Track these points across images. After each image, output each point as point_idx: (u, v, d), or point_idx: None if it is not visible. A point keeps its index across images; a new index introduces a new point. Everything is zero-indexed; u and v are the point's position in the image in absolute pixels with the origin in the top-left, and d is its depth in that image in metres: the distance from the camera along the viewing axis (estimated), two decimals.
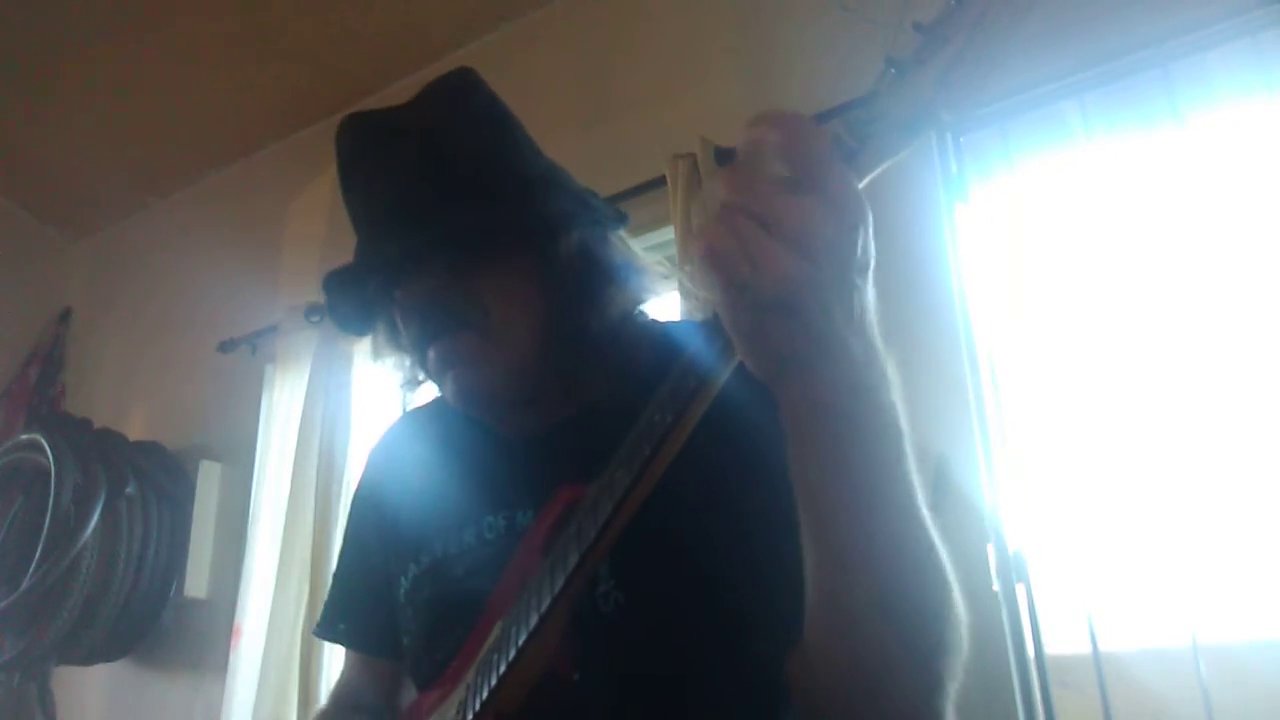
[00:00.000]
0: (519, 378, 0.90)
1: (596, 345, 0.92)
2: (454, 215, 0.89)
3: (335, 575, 1.13)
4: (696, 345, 0.63)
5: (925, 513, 0.64)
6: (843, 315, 0.56)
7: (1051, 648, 1.57)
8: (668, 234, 2.04)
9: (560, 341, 0.91)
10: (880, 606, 0.64)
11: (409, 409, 1.12)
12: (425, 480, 1.03)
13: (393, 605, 1.01)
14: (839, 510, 0.63)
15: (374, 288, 0.94)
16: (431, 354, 0.90)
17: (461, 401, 0.91)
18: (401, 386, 1.02)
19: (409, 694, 1.00)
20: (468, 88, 0.98)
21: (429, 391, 1.04)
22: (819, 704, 0.72)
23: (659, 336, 0.96)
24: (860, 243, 0.55)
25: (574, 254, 0.93)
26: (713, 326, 0.62)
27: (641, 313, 0.98)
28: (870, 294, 0.59)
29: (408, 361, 1.00)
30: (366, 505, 1.11)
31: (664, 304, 1.05)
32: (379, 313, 0.98)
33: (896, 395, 0.62)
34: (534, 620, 0.74)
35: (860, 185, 0.56)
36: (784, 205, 0.53)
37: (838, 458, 0.61)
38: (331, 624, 1.10)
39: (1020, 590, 1.59)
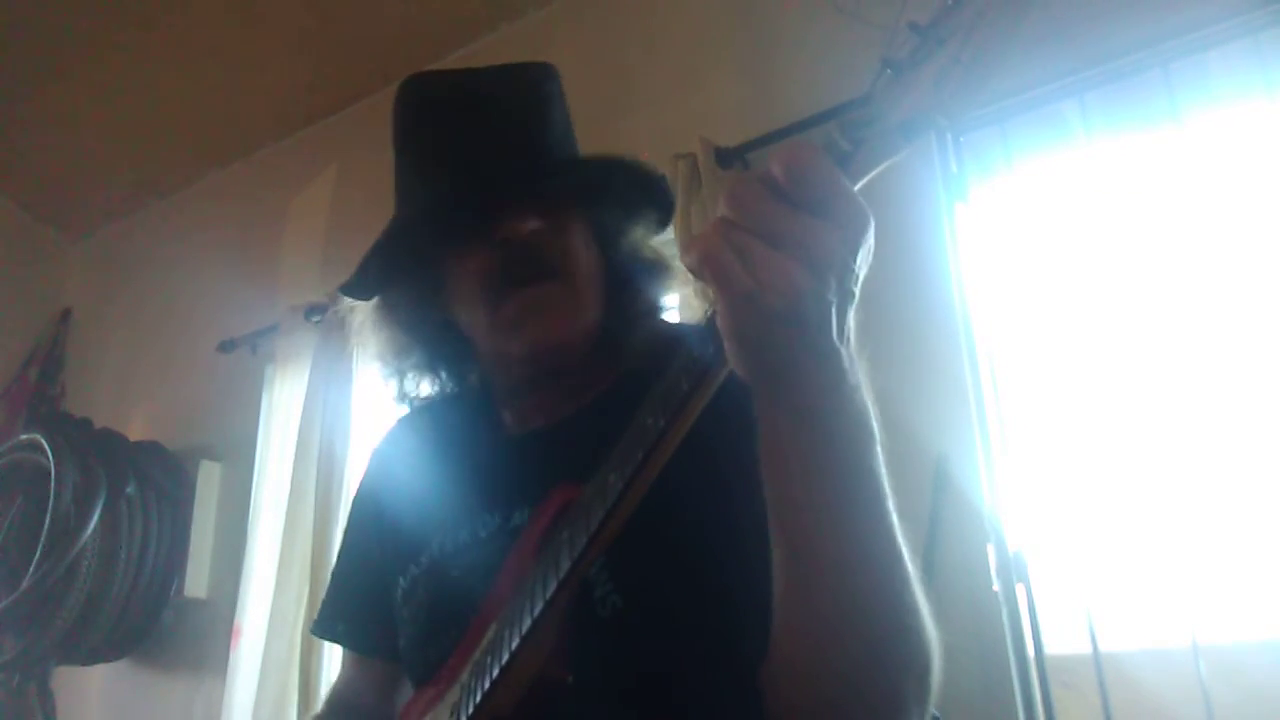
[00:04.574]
0: (584, 340, 0.92)
1: (621, 338, 0.94)
2: (567, 159, 0.91)
3: (334, 575, 1.13)
4: (692, 349, 0.63)
5: (896, 521, 0.64)
6: (838, 326, 0.57)
7: (1051, 648, 1.57)
8: (667, 234, 2.04)
9: (610, 318, 0.94)
10: (844, 613, 0.64)
11: (407, 411, 1.11)
12: (424, 480, 1.03)
13: (390, 606, 1.00)
14: (809, 513, 0.62)
15: (470, 217, 0.90)
16: (515, 300, 0.88)
17: (537, 350, 0.89)
18: (387, 378, 1.02)
19: (405, 694, 1.00)
20: (553, 79, 1.00)
21: (418, 386, 1.04)
22: (783, 717, 0.71)
23: (667, 338, 0.95)
24: (861, 256, 0.56)
25: (633, 244, 0.97)
26: (709, 331, 0.62)
27: (657, 313, 1.00)
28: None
29: (426, 324, 0.98)
30: (366, 506, 1.11)
31: (671, 306, 1.07)
32: (424, 267, 0.95)
33: (870, 397, 0.62)
34: (527, 624, 0.73)
35: (856, 189, 0.56)
36: (789, 222, 0.54)
37: (813, 461, 0.61)
38: (330, 624, 1.10)
39: (1020, 590, 1.59)
